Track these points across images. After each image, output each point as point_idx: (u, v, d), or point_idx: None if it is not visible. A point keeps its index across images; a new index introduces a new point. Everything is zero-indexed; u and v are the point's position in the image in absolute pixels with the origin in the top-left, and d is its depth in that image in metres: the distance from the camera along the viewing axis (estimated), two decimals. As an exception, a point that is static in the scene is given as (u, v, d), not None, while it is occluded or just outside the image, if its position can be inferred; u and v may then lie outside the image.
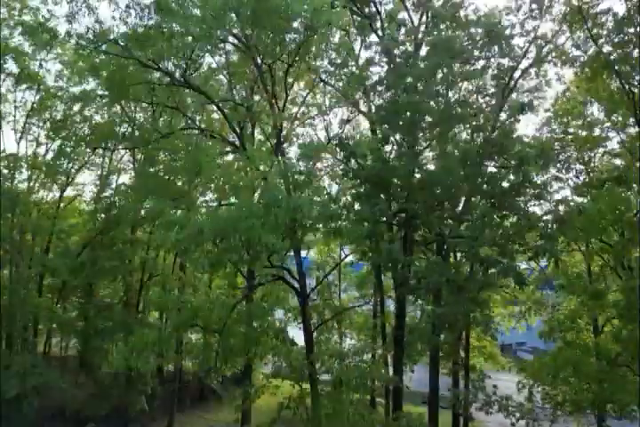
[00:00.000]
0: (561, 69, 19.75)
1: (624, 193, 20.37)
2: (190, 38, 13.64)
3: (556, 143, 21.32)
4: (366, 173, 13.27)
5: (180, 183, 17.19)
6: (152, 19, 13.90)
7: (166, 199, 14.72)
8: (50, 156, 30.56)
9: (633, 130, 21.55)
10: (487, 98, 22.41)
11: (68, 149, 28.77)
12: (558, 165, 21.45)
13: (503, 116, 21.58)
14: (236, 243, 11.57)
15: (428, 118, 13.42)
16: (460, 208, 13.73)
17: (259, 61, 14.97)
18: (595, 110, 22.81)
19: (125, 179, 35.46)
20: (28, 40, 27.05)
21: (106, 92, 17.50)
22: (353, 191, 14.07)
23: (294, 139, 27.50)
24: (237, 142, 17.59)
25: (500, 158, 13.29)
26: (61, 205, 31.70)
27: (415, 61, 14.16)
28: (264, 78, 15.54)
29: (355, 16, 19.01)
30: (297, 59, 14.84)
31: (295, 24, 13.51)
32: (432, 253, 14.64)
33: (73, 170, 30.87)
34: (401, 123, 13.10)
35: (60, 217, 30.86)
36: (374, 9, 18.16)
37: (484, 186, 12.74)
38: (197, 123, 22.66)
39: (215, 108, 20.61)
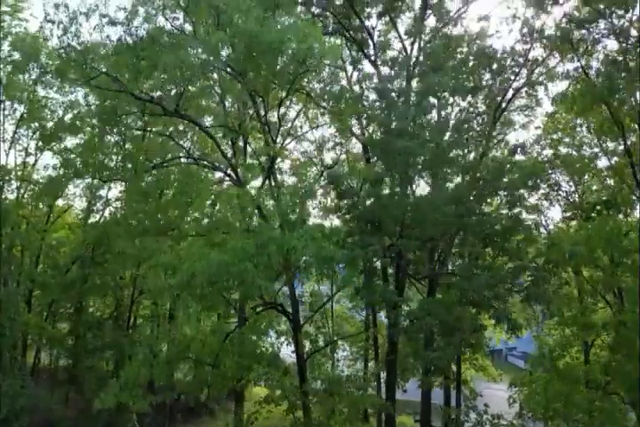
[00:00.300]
0: (552, 105, 19.94)
1: (613, 216, 20.68)
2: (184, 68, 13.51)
3: (547, 165, 21.48)
4: (359, 212, 13.32)
5: (170, 214, 17.01)
6: (144, 50, 13.75)
7: (157, 234, 14.59)
8: (39, 166, 30.37)
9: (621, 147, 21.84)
10: (479, 118, 22.76)
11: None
12: (548, 185, 21.74)
13: (495, 132, 22.00)
14: (229, 285, 11.53)
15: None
16: (451, 244, 13.81)
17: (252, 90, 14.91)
18: (584, 130, 23.07)
19: (116, 191, 35.11)
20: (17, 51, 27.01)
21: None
22: (347, 224, 14.10)
23: (286, 153, 27.58)
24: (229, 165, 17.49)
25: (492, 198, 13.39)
26: (51, 217, 31.33)
27: (407, 98, 14.23)
28: (257, 107, 15.50)
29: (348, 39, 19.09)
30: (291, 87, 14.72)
31: (288, 59, 13.45)
32: (424, 287, 14.74)
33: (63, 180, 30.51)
34: (394, 156, 13.11)
35: (49, 230, 30.50)
36: (367, 34, 18.26)
37: (477, 227, 12.83)
38: (191, 144, 22.59)
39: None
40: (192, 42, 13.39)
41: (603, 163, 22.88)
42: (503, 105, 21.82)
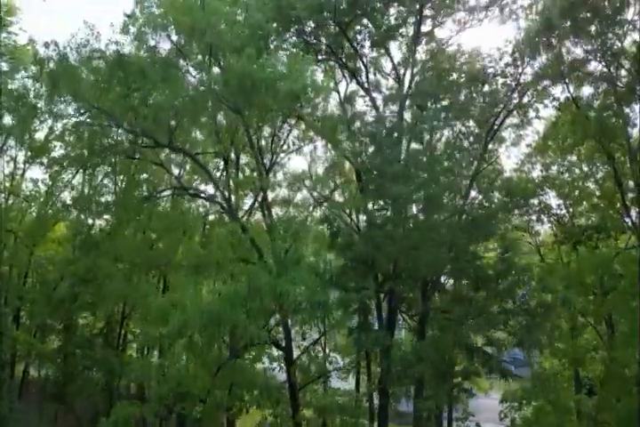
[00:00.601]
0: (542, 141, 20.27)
1: (603, 239, 20.86)
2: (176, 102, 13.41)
3: (537, 188, 21.60)
4: (353, 253, 13.33)
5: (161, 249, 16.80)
6: (136, 82, 13.60)
7: (147, 269, 14.43)
8: (27, 178, 29.96)
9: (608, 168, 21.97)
10: (472, 138, 22.88)
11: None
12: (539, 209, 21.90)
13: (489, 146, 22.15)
14: (221, 333, 11.47)
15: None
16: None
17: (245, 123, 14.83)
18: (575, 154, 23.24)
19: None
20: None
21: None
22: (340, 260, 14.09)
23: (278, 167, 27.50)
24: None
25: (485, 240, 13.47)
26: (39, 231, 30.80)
27: (400, 134, 14.24)
28: (251, 139, 15.42)
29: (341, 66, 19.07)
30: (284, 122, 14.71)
31: (282, 96, 13.37)
32: (416, 322, 14.75)
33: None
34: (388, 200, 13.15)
35: (38, 245, 30.01)
36: (360, 62, 18.27)
37: (470, 271, 12.89)
38: (181, 161, 22.34)
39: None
40: (185, 77, 13.27)
41: (593, 183, 23.06)
42: (495, 127, 22.02)
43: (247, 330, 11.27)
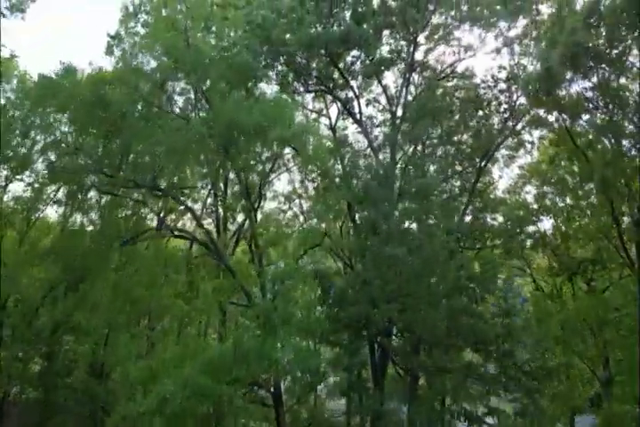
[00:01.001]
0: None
1: (599, 271, 20.54)
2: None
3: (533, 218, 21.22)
4: (346, 312, 12.78)
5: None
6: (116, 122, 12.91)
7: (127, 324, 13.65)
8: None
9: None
10: (466, 163, 22.46)
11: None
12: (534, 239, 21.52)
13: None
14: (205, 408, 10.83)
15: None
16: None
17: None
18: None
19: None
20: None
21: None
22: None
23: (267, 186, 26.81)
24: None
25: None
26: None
27: (392, 180, 13.78)
28: (241, 180, 14.80)
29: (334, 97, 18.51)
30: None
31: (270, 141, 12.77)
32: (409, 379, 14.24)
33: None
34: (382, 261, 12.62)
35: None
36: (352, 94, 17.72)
37: (469, 334, 12.38)
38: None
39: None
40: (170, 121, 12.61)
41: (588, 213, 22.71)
42: (489, 153, 21.65)
43: (232, 402, 10.65)
